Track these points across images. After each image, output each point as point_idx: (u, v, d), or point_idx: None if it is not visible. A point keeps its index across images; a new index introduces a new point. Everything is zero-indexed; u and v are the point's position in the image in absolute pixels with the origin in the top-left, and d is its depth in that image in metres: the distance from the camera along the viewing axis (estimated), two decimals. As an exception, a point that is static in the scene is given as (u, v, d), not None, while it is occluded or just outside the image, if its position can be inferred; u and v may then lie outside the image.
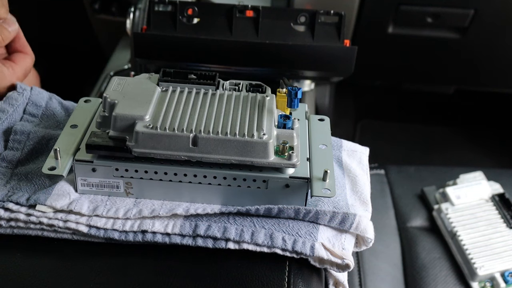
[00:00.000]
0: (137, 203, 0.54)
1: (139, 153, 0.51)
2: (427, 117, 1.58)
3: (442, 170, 1.07)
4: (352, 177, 0.61)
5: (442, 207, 0.95)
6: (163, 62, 0.78)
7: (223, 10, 0.75)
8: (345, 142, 0.65)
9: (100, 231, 0.52)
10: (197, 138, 0.51)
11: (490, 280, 0.87)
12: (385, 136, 1.49)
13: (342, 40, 0.76)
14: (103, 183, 0.54)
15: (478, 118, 1.58)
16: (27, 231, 0.53)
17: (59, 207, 0.52)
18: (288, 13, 0.76)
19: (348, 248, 0.54)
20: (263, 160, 0.51)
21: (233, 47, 0.75)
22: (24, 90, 0.64)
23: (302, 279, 0.52)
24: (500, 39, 1.17)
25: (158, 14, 0.76)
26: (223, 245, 0.51)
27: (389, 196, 1.02)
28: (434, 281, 0.88)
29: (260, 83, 0.59)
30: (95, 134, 0.53)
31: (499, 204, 0.94)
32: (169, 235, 0.52)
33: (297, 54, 0.75)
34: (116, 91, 0.55)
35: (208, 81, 0.57)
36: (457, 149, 1.46)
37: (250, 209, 0.53)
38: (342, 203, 0.56)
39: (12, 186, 0.55)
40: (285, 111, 0.56)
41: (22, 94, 0.64)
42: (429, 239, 0.94)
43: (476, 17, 1.11)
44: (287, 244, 0.51)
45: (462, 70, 1.31)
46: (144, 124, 0.51)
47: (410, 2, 1.10)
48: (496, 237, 0.90)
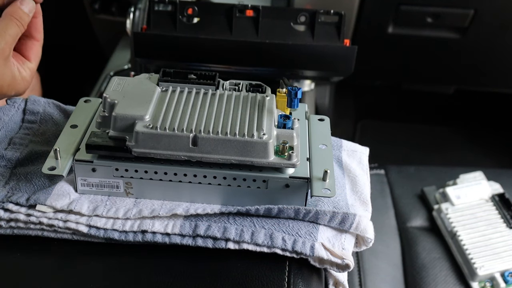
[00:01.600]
0: (137, 203, 0.54)
1: (139, 153, 0.51)
2: (427, 117, 1.57)
3: (442, 170, 1.07)
4: (352, 177, 0.61)
5: (442, 207, 0.95)
6: (163, 62, 0.78)
7: (223, 9, 0.75)
8: (345, 142, 0.65)
9: (100, 231, 0.52)
10: (197, 138, 0.51)
11: (490, 280, 0.87)
12: (385, 136, 1.48)
13: (342, 40, 0.76)
14: (103, 183, 0.54)
15: (478, 118, 1.57)
16: (27, 231, 0.53)
17: (59, 207, 0.52)
18: (288, 12, 0.76)
19: (348, 248, 0.54)
20: (263, 160, 0.51)
21: (233, 46, 0.75)
22: (14, 102, 0.64)
23: (302, 279, 0.51)
24: (500, 39, 1.17)
25: (158, 14, 0.76)
26: (223, 245, 0.51)
27: (389, 196, 1.02)
28: (434, 281, 0.88)
29: (260, 83, 0.59)
30: (95, 134, 0.53)
31: (499, 204, 0.94)
32: (169, 235, 0.52)
33: (297, 54, 0.75)
34: (116, 91, 0.54)
35: (208, 81, 0.57)
36: (457, 149, 1.46)
37: (250, 209, 0.53)
38: (342, 203, 0.56)
39: (12, 186, 0.55)
40: (285, 111, 0.56)
41: (14, 106, 0.64)
42: (429, 239, 0.94)
43: (476, 17, 1.11)
44: (287, 244, 0.51)
45: (462, 70, 1.31)
46: (144, 124, 0.51)
47: (410, 2, 1.10)
48: (496, 237, 0.90)
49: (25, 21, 0.58)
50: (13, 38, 0.57)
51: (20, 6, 0.58)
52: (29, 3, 0.59)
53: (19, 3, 0.59)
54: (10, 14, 0.57)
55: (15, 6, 0.58)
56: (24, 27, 0.59)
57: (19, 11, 0.58)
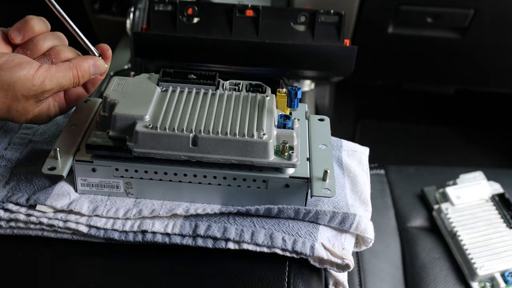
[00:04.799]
0: (137, 203, 0.54)
1: (139, 153, 0.51)
2: (427, 117, 1.57)
3: (442, 170, 1.07)
4: (352, 177, 0.61)
5: (442, 207, 0.95)
6: (163, 62, 0.78)
7: (223, 9, 0.75)
8: (345, 142, 0.65)
9: (100, 231, 0.52)
10: (197, 138, 0.50)
11: (490, 280, 0.87)
12: (385, 136, 1.48)
13: (342, 40, 0.76)
14: (103, 183, 0.54)
15: (478, 118, 1.57)
16: (27, 232, 0.53)
17: (59, 207, 0.52)
18: (288, 12, 0.76)
19: (348, 248, 0.54)
20: (263, 160, 0.51)
21: (233, 46, 0.75)
22: None
23: (302, 279, 0.51)
24: (500, 39, 1.17)
25: (158, 14, 0.76)
26: (223, 245, 0.51)
27: (389, 196, 1.02)
28: (434, 281, 0.88)
29: (260, 83, 0.59)
30: (95, 134, 0.53)
31: (499, 204, 0.94)
32: (169, 235, 0.52)
33: (297, 54, 0.75)
34: (116, 91, 0.54)
35: (208, 81, 0.57)
36: (457, 149, 1.46)
37: (250, 209, 0.53)
38: (342, 203, 0.56)
39: (12, 186, 0.55)
40: (285, 111, 0.56)
41: None
42: (429, 239, 0.94)
43: (476, 17, 1.11)
44: (287, 244, 0.51)
45: (462, 70, 1.31)
46: (144, 124, 0.51)
47: (410, 2, 1.10)
48: (496, 237, 0.90)
49: (83, 79, 0.55)
50: (60, 88, 0.53)
51: (89, 65, 0.55)
52: (99, 66, 0.56)
53: (92, 62, 0.55)
54: (76, 65, 0.54)
55: (85, 62, 0.55)
56: (79, 84, 0.55)
57: (84, 67, 0.55)
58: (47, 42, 0.56)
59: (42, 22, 0.56)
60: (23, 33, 0.55)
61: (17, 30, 0.55)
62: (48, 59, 0.54)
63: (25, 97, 0.51)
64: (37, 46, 0.55)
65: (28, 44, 0.55)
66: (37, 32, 0.55)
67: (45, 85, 0.51)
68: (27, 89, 0.50)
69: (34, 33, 0.55)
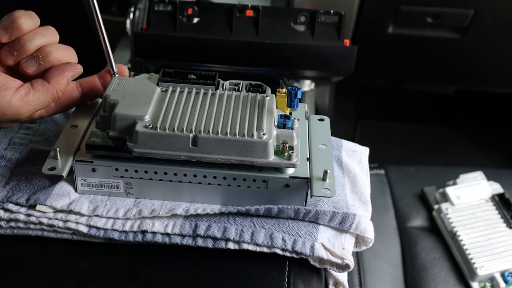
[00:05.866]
0: (137, 203, 0.54)
1: (139, 153, 0.51)
2: (427, 117, 1.57)
3: (442, 170, 1.07)
4: (352, 177, 0.61)
5: (442, 207, 0.95)
6: (163, 62, 0.78)
7: (223, 9, 0.75)
8: (345, 142, 0.65)
9: (100, 231, 0.52)
10: (197, 138, 0.50)
11: (490, 280, 0.87)
12: (385, 136, 1.48)
13: (342, 40, 0.76)
14: (103, 183, 0.54)
15: (478, 118, 1.57)
16: (27, 232, 0.53)
17: (59, 207, 0.52)
18: (288, 12, 0.76)
19: (348, 248, 0.54)
20: (263, 160, 0.51)
21: (233, 46, 0.75)
22: None
23: (302, 279, 0.51)
24: (500, 39, 1.17)
25: (158, 14, 0.76)
26: (223, 245, 0.51)
27: (389, 196, 1.02)
28: (434, 281, 0.88)
29: (260, 83, 0.59)
30: (95, 134, 0.53)
31: (499, 204, 0.94)
32: (169, 235, 0.52)
33: (297, 54, 0.75)
34: (116, 91, 0.54)
35: (208, 81, 0.57)
36: (457, 149, 1.46)
37: (250, 209, 0.53)
38: (342, 203, 0.56)
39: (12, 187, 0.55)
40: (285, 111, 0.56)
41: None
42: (429, 239, 0.94)
43: (476, 17, 1.11)
44: (287, 244, 0.51)
45: (462, 70, 1.31)
46: (144, 124, 0.51)
47: (410, 2, 1.10)
48: (496, 237, 0.90)
49: (62, 93, 0.54)
50: (38, 110, 0.53)
51: (68, 78, 0.54)
52: (77, 74, 0.55)
53: (71, 74, 0.54)
54: (55, 86, 0.52)
55: (64, 78, 0.53)
56: (58, 98, 0.54)
57: (63, 83, 0.53)
58: (36, 42, 0.53)
59: (30, 18, 0.53)
60: (9, 33, 0.52)
61: (4, 29, 0.52)
62: (36, 61, 0.53)
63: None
64: (25, 47, 0.53)
65: (15, 44, 0.53)
66: (25, 30, 0.53)
67: (19, 114, 0.51)
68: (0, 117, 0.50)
69: (22, 32, 0.52)
